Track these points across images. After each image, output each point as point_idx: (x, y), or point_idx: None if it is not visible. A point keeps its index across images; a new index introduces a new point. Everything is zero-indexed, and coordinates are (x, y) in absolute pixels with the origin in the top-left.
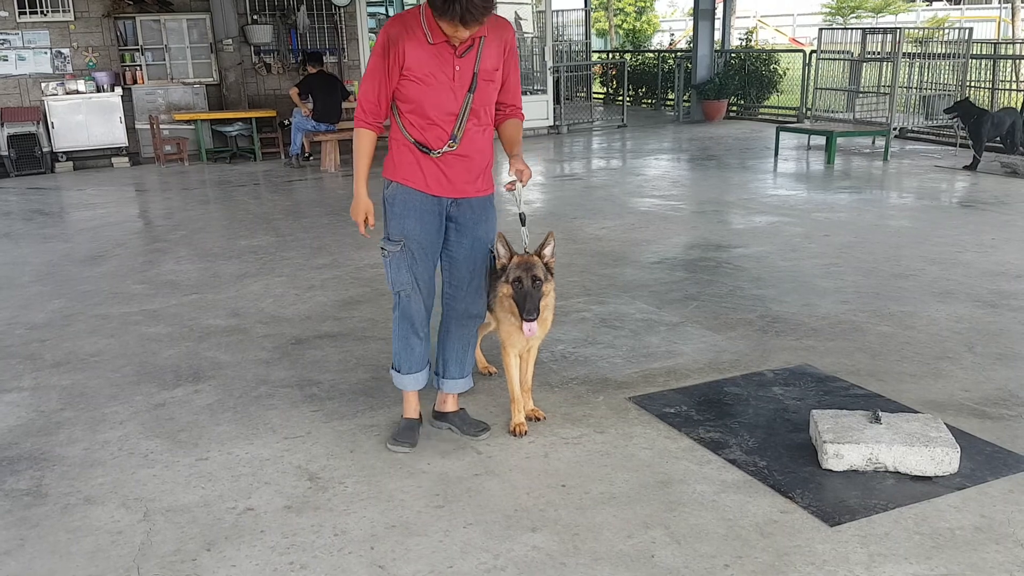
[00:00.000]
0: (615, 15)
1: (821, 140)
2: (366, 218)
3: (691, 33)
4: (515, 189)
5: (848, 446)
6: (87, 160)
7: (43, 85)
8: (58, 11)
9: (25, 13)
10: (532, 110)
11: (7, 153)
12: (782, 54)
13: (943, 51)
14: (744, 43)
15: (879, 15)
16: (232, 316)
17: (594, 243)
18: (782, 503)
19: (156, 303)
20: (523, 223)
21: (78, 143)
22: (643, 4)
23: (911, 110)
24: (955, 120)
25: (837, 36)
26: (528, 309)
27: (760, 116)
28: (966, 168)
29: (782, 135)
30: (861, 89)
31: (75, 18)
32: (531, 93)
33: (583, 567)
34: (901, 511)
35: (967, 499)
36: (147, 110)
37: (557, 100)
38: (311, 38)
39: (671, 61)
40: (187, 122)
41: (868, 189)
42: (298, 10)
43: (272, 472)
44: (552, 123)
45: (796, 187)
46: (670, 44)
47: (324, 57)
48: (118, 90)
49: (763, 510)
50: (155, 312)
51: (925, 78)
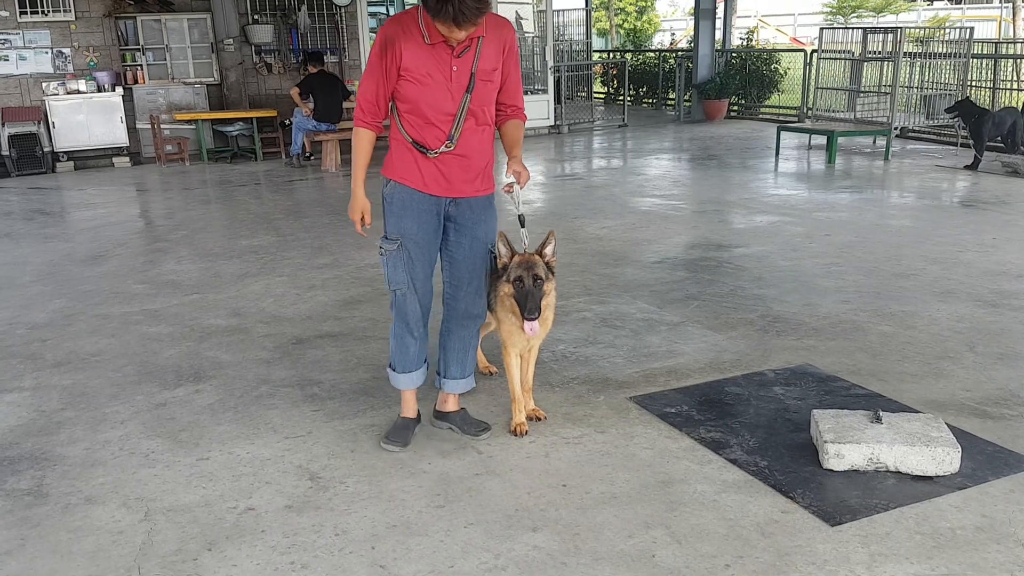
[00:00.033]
0: (616, 15)
1: (822, 140)
2: (362, 217)
3: (692, 33)
4: (513, 191)
5: (849, 446)
6: (88, 160)
7: (44, 85)
8: (59, 11)
9: (26, 13)
10: (533, 110)
11: (8, 153)
12: (783, 54)
13: (944, 51)
14: (745, 43)
15: (880, 15)
16: (233, 316)
17: (595, 243)
18: (783, 503)
19: (157, 303)
20: (522, 224)
21: (79, 143)
22: (644, 4)
23: (912, 110)
24: (956, 120)
25: (838, 36)
26: (529, 308)
27: (761, 116)
28: (967, 168)
29: (783, 135)
30: (862, 89)
31: (76, 18)
32: (532, 93)
33: (584, 567)
34: (902, 511)
35: (968, 499)
36: (148, 110)
37: (558, 100)
38: (312, 38)
39: (672, 61)
40: (188, 122)
41: (869, 189)
42: (299, 10)
43: (273, 472)
44: (553, 123)
45: (797, 187)
46: (671, 44)
47: (325, 57)
48: (119, 90)
49: (764, 510)
50: (156, 312)
51: (926, 78)
